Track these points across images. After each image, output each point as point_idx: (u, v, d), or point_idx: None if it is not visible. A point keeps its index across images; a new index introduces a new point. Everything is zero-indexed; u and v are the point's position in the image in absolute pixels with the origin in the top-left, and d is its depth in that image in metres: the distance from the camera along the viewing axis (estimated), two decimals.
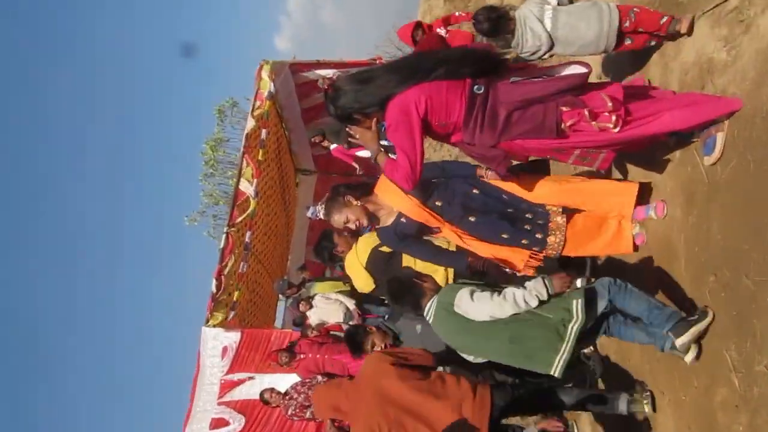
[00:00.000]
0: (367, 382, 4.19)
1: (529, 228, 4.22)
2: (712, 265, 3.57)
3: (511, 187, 4.31)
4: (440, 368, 4.46)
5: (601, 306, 3.86)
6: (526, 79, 3.67)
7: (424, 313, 4.12)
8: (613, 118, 3.55)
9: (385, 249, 5.03)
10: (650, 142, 3.93)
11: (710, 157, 3.68)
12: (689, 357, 3.56)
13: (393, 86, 3.67)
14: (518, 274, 4.33)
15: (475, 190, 4.28)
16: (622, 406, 4.08)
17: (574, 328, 3.71)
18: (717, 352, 3.44)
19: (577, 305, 3.75)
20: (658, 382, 4.08)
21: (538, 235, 4.21)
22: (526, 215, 4.25)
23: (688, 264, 3.87)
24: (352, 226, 4.41)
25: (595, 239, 4.29)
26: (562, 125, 3.59)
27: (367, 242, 5.27)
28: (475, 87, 3.63)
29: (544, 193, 4.28)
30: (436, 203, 4.24)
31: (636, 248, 4.35)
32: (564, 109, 3.58)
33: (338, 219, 4.39)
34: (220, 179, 17.60)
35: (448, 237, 4.37)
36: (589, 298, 3.83)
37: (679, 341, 3.52)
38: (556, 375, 3.74)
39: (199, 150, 17.44)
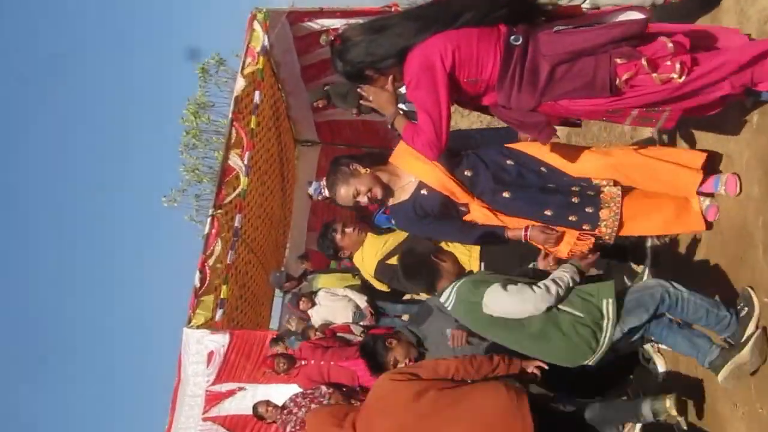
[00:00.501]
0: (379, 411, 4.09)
1: (576, 201, 4.16)
2: None
3: (552, 159, 4.26)
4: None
5: (640, 320, 3.88)
6: (573, 28, 3.62)
7: (442, 299, 4.12)
8: (677, 65, 3.47)
9: (392, 262, 4.99)
10: (722, 102, 3.86)
11: None
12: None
13: (413, 35, 3.63)
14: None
15: (509, 161, 4.24)
16: (646, 410, 4.09)
17: (608, 325, 3.79)
18: None
19: (608, 305, 3.81)
20: (730, 393, 4.09)
21: (589, 209, 4.13)
22: (572, 188, 4.20)
23: (767, 251, 3.86)
24: (363, 199, 4.29)
25: (657, 214, 4.23)
26: (617, 81, 3.53)
27: (373, 248, 5.26)
28: (512, 37, 3.59)
29: (591, 167, 4.22)
30: (465, 173, 4.20)
31: (708, 225, 4.27)
32: (619, 61, 3.51)
33: (345, 193, 4.29)
34: (204, 151, 17.48)
35: (476, 217, 4.29)
36: (630, 307, 3.88)
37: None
38: (591, 363, 3.88)
39: (179, 116, 17.27)
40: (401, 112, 3.87)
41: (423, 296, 5.53)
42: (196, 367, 9.05)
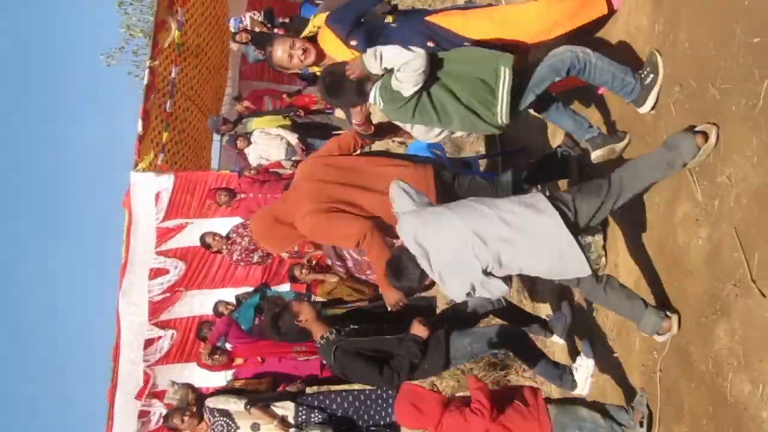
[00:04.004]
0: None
1: None
2: (678, 76, 3.58)
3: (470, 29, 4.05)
4: None
5: (552, 80, 3.87)
6: None
7: (371, 100, 4.01)
8: None
9: None
10: None
11: None
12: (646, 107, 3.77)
13: None
14: None
15: (430, 44, 3.96)
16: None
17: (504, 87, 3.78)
18: None
19: (505, 72, 3.77)
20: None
21: None
22: None
23: None
24: (297, 62, 4.19)
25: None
26: None
27: None
28: None
29: (484, 29, 4.03)
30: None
31: (612, 8, 4.15)
32: None
33: (281, 54, 4.16)
34: (139, 5, 16.71)
35: None
36: (543, 73, 3.84)
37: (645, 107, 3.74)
38: (503, 121, 3.86)
39: None
40: None
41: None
42: (146, 207, 9.01)
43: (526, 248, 3.39)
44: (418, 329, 4.14)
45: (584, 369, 4.39)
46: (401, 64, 3.67)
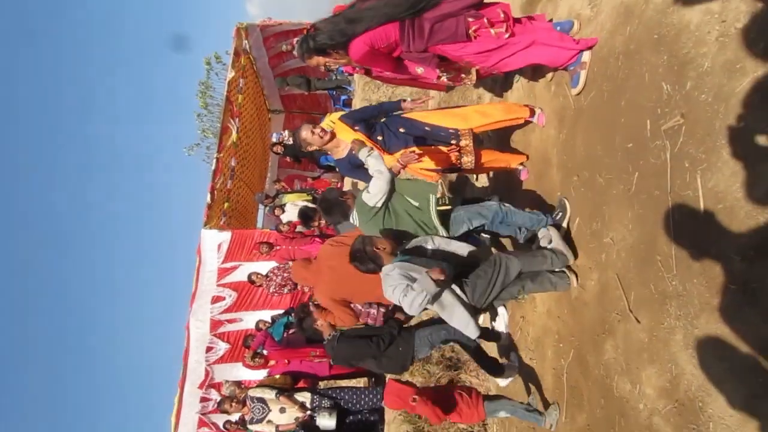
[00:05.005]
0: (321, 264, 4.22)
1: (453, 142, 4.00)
2: (576, 169, 3.60)
3: (431, 120, 4.08)
4: None
5: (481, 222, 3.75)
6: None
7: (351, 220, 3.94)
8: (505, 26, 3.46)
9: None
10: (523, 64, 3.77)
11: (576, 89, 3.64)
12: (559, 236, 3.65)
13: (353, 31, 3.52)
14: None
15: (401, 130, 4.03)
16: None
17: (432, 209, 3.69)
18: (579, 227, 3.52)
19: (431, 199, 3.70)
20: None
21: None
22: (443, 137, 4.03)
23: (558, 169, 3.88)
24: (315, 144, 4.07)
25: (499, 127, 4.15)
26: (469, 31, 3.46)
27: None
28: None
29: (457, 121, 4.05)
30: (378, 138, 4.01)
31: (532, 113, 4.13)
32: (470, 20, 3.44)
33: (305, 134, 4.04)
34: (211, 118, 16.90)
35: (388, 163, 3.90)
36: (473, 211, 3.74)
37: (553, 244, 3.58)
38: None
39: (193, 94, 16.59)
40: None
41: None
42: (211, 253, 9.02)
43: None
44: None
45: (511, 370, 4.30)
46: (373, 175, 3.66)
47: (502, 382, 4.40)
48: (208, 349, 8.83)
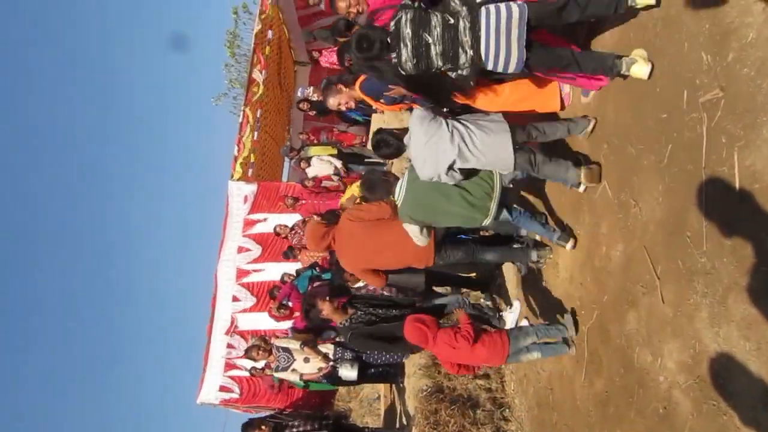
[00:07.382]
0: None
1: None
2: (605, 137, 3.49)
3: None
4: None
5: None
6: None
7: (394, 197, 3.89)
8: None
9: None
10: None
11: (585, 99, 3.74)
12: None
13: None
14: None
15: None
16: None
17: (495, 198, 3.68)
18: (605, 195, 3.45)
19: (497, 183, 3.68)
20: (567, 216, 4.08)
21: None
22: None
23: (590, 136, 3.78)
24: (343, 107, 4.25)
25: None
26: None
27: None
28: None
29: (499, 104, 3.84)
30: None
31: (563, 107, 3.97)
32: None
33: (333, 102, 4.18)
34: (238, 68, 16.71)
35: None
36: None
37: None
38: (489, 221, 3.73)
39: (221, 43, 16.38)
40: None
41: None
42: (237, 204, 9.18)
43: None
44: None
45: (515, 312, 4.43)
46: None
47: (509, 318, 4.46)
48: (234, 299, 9.01)
